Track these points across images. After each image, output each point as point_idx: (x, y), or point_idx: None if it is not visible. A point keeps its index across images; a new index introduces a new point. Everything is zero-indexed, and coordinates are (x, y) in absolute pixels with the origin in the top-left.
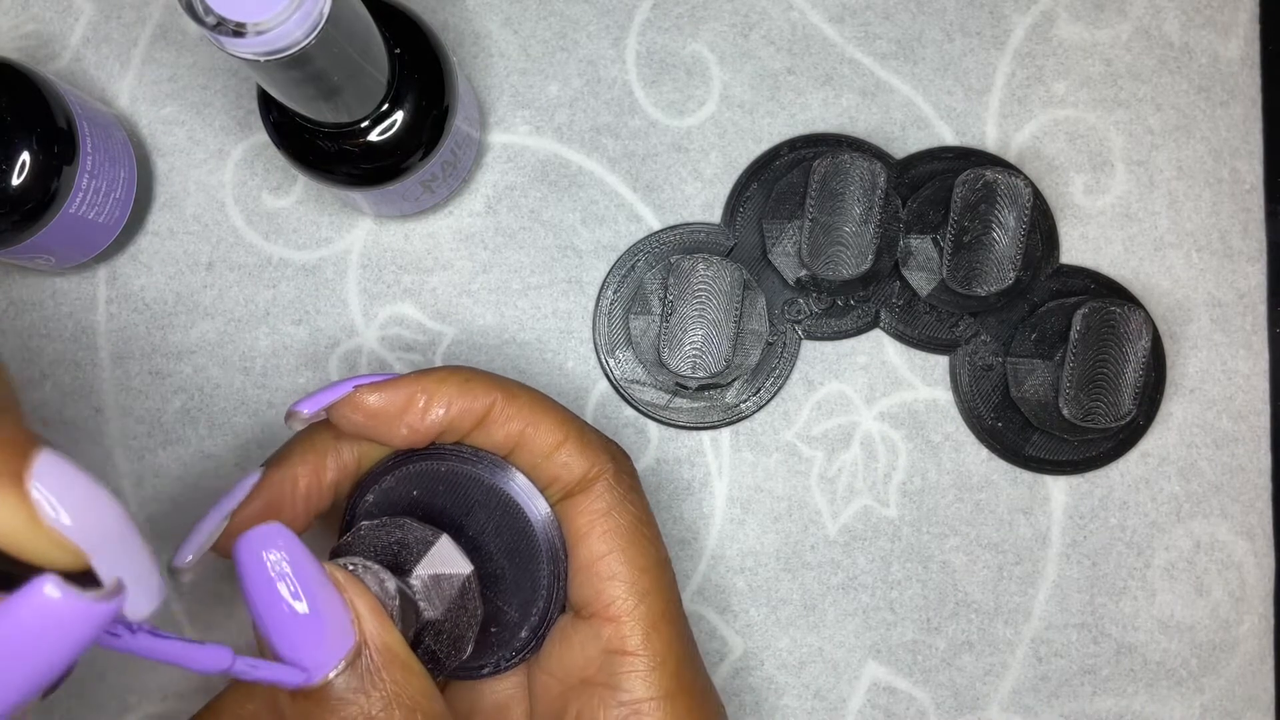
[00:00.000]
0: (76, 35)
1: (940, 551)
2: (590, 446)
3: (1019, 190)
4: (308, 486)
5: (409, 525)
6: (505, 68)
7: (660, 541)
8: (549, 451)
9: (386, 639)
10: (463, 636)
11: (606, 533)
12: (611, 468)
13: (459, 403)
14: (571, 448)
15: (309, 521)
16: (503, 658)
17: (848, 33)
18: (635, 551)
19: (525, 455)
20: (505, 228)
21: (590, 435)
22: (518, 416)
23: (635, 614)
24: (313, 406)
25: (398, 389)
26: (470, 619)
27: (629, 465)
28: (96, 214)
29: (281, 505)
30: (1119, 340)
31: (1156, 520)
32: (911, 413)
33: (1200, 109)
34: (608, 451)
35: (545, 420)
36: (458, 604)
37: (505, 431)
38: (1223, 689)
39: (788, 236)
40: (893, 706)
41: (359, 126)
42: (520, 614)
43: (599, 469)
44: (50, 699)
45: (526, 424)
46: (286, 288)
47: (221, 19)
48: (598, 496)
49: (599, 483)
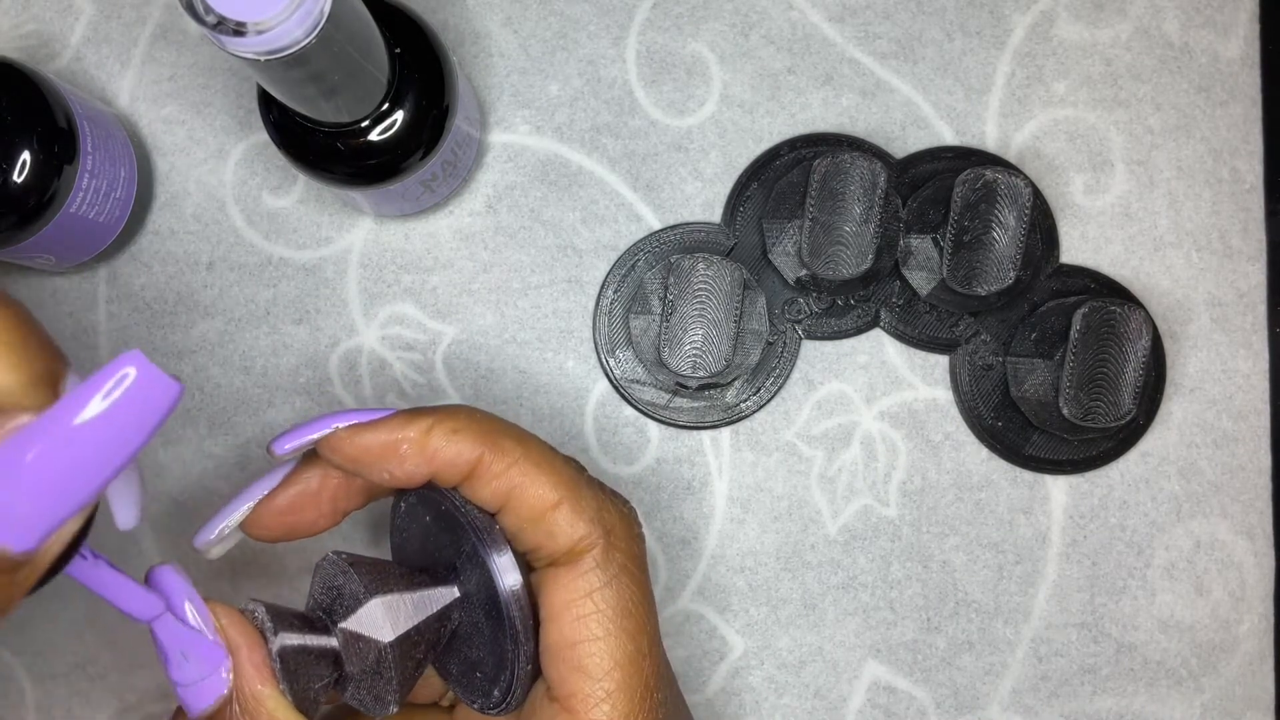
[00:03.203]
0: (77, 35)
1: (940, 551)
2: (584, 514)
3: (1019, 190)
4: (336, 486)
5: (351, 575)
6: (505, 67)
7: (645, 630)
8: (537, 516)
9: (255, 689)
10: (382, 698)
11: (581, 619)
12: (602, 543)
13: (444, 455)
14: (563, 514)
15: (336, 519)
16: (484, 705)
17: (848, 32)
18: (610, 644)
19: (512, 516)
20: (505, 227)
21: (587, 500)
22: (504, 475)
23: (596, 713)
24: (289, 444)
25: (377, 434)
26: (387, 685)
27: (627, 535)
28: (97, 213)
29: (306, 501)
30: (1119, 340)
31: (1156, 520)
32: (911, 412)
33: (1200, 109)
34: (602, 523)
35: (537, 481)
36: (373, 669)
37: (491, 489)
38: (1223, 689)
39: (788, 236)
40: (893, 706)
41: (359, 126)
42: (494, 672)
43: (588, 542)
44: (49, 698)
45: (514, 485)
46: (287, 287)
47: (222, 18)
48: (581, 574)
49: (586, 558)
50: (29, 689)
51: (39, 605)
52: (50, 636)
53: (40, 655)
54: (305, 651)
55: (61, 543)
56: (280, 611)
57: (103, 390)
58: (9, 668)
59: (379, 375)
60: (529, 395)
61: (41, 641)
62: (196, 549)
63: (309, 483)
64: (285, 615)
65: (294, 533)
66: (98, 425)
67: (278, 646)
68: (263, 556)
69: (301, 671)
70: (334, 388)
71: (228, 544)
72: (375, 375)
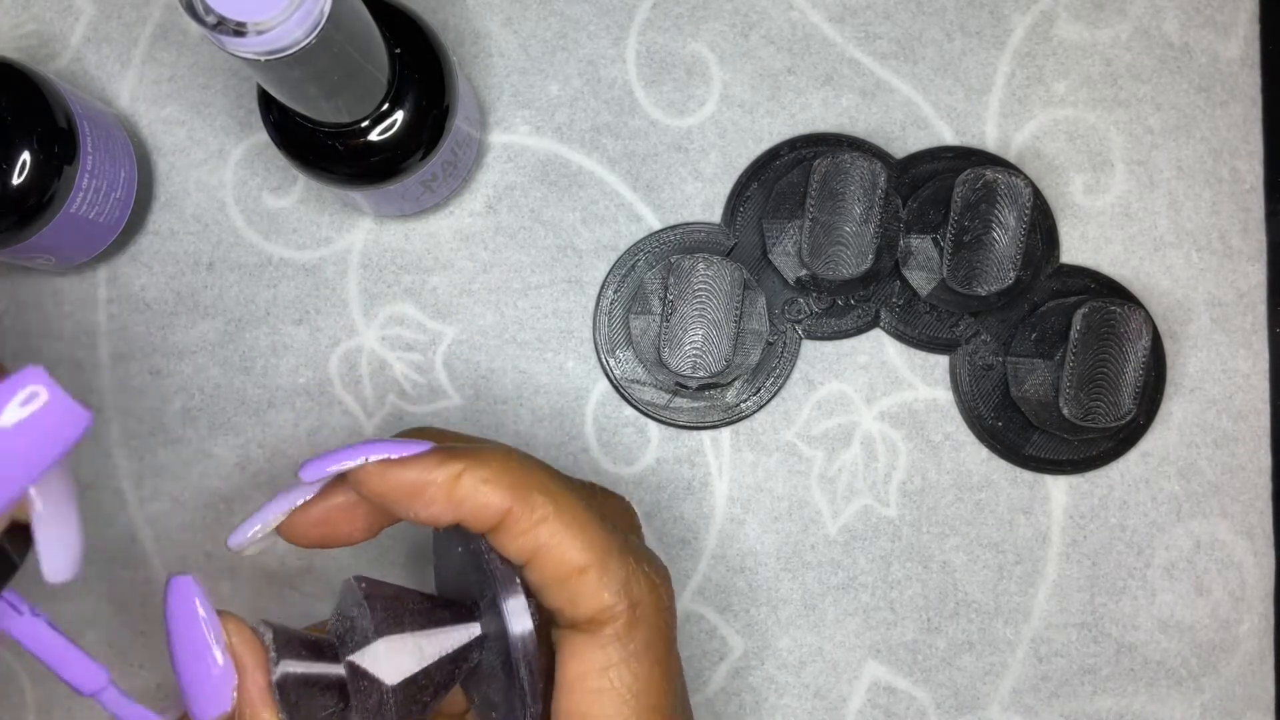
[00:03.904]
0: (77, 35)
1: (940, 551)
2: (610, 584)
3: (1019, 190)
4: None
5: (364, 610)
6: (505, 67)
7: (661, 711)
8: (560, 578)
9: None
10: None
11: (594, 693)
12: (625, 615)
13: (471, 504)
14: (588, 580)
15: (372, 533)
16: None
17: (848, 33)
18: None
19: (536, 574)
20: (505, 227)
21: (615, 569)
22: (531, 533)
23: None
24: (318, 473)
25: (406, 473)
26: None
27: (655, 608)
28: (97, 214)
29: (340, 515)
30: (1119, 340)
31: (1156, 520)
32: (911, 412)
33: (1200, 109)
34: (629, 594)
35: (565, 542)
36: (375, 710)
37: (518, 545)
38: (1223, 689)
39: (788, 236)
40: (893, 706)
41: (359, 126)
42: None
43: (610, 614)
44: (49, 698)
45: (540, 544)
46: (287, 287)
47: (222, 18)
48: (600, 646)
49: (607, 629)
50: (29, 689)
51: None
52: None
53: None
54: (308, 682)
55: None
56: (290, 637)
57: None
58: (9, 668)
59: (379, 375)
60: (529, 395)
61: None
62: (230, 549)
63: (345, 497)
64: (294, 641)
65: (328, 542)
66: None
67: (279, 675)
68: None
69: (304, 702)
70: (334, 388)
71: (261, 545)
72: (375, 375)
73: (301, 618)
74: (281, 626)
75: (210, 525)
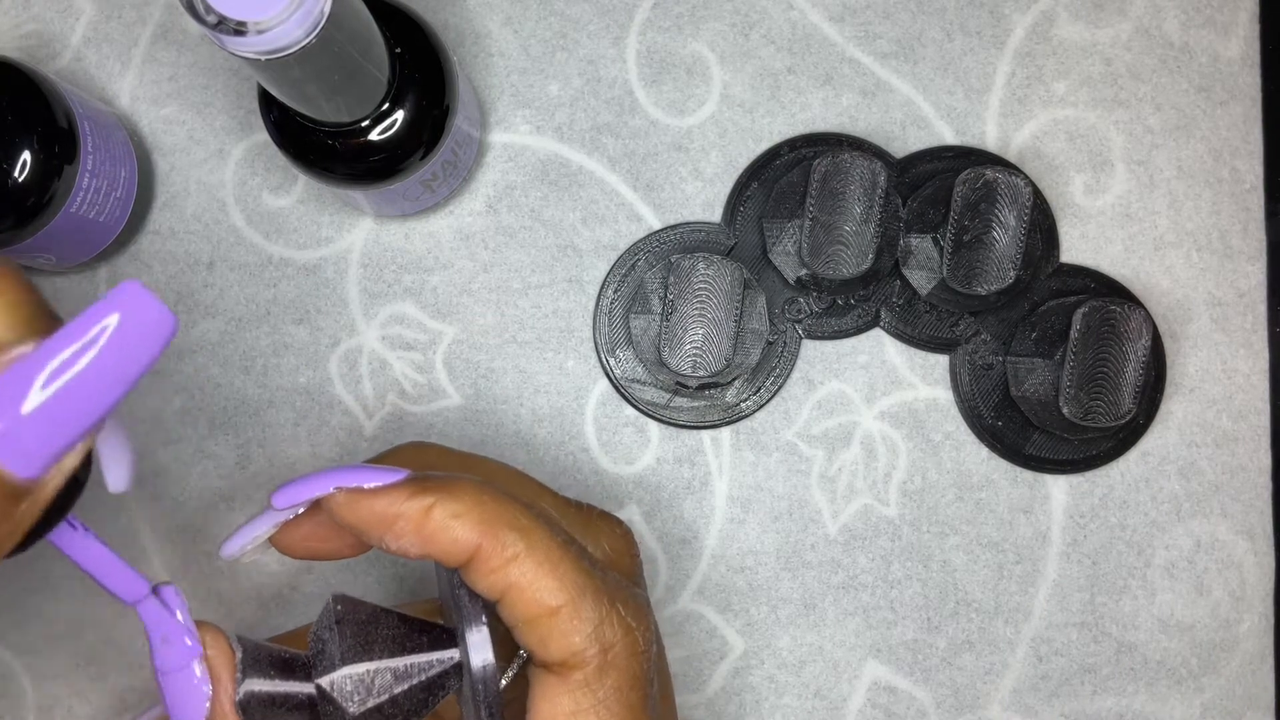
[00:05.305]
0: (77, 35)
1: (940, 551)
2: (581, 628)
3: (1019, 189)
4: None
5: (334, 634)
6: (505, 67)
7: None
8: (530, 619)
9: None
10: None
11: None
12: (596, 661)
13: (440, 540)
14: (558, 623)
15: (361, 549)
16: None
17: (848, 32)
18: None
19: (508, 611)
20: (506, 227)
21: (588, 612)
22: (501, 571)
23: None
24: (287, 501)
25: (375, 504)
26: None
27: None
28: (97, 213)
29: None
30: (1119, 339)
31: (1157, 520)
32: (912, 412)
33: (1200, 109)
34: (600, 639)
35: (536, 583)
36: None
37: (488, 583)
38: (1223, 688)
39: (788, 236)
40: (893, 706)
41: (359, 126)
42: None
43: (579, 659)
44: (49, 698)
45: (510, 583)
46: (287, 287)
47: (222, 18)
48: (568, 690)
49: (576, 674)
50: (29, 689)
51: (39, 605)
52: (50, 636)
53: (40, 655)
54: (274, 701)
55: (62, 475)
56: (261, 654)
57: (101, 322)
58: (9, 668)
59: (379, 375)
60: (529, 395)
61: (41, 641)
62: (222, 557)
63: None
64: (264, 659)
65: (318, 557)
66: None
67: (242, 694)
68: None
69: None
70: (334, 388)
71: (254, 556)
72: (375, 375)
73: (301, 617)
74: (253, 643)
75: (210, 525)
